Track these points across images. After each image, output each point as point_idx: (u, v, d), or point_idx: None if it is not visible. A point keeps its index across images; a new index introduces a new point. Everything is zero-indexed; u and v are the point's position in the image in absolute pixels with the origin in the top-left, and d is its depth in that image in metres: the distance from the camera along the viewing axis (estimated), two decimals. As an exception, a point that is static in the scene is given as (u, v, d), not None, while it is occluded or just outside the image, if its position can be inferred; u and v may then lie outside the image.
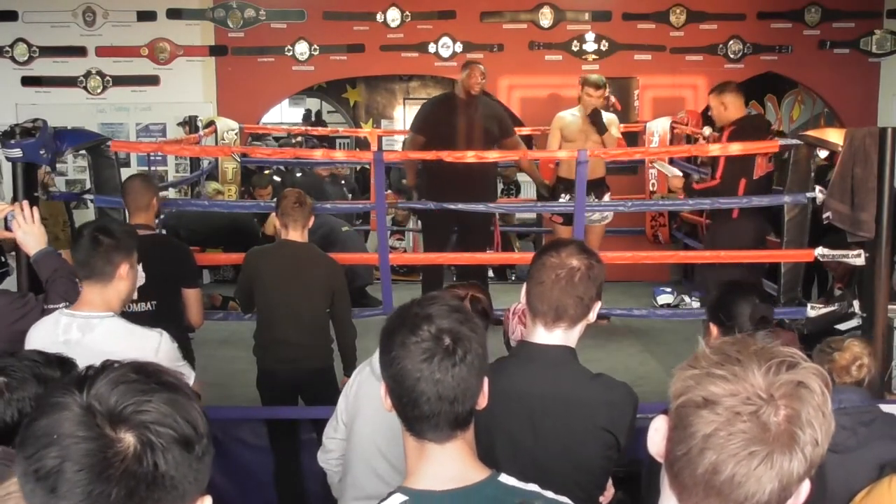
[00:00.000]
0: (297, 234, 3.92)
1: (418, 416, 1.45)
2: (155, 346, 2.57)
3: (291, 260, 3.90)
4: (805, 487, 1.05)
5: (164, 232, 5.44)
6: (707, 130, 6.23)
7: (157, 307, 3.62)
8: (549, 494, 1.49)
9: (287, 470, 4.04)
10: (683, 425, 1.05)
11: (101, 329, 2.54)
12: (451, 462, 1.46)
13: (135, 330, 2.60)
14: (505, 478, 1.47)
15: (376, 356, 2.58)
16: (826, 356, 2.76)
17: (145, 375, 1.00)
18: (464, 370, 1.43)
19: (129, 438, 0.94)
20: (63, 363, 2.02)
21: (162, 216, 5.69)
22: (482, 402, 1.50)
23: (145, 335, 2.59)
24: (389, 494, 1.46)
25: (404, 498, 1.44)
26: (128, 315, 2.71)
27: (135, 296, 3.59)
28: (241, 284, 4.09)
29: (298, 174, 8.28)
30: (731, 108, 5.22)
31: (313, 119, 12.91)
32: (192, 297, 3.80)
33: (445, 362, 1.42)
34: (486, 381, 1.50)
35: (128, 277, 2.65)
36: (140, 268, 3.42)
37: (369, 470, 2.53)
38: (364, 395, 2.58)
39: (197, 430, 0.99)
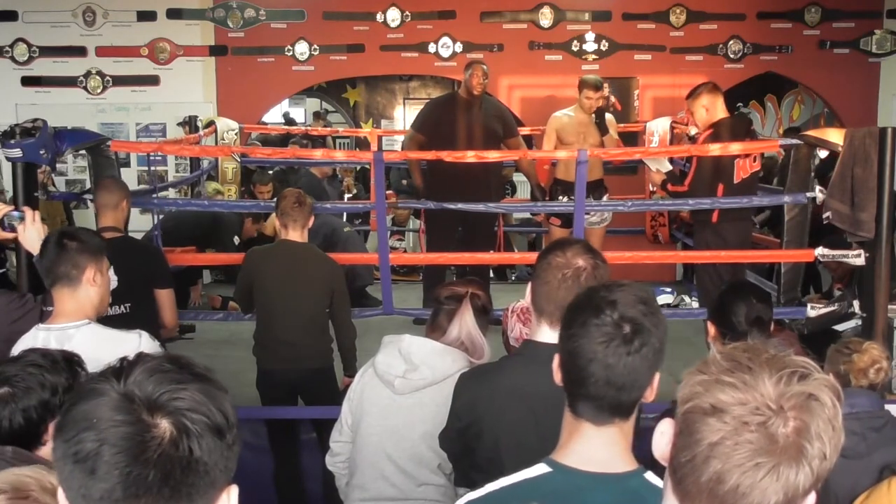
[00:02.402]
0: (296, 234, 3.92)
1: (583, 394, 1.47)
2: (136, 348, 2.52)
3: (291, 260, 3.90)
4: (811, 500, 1.04)
5: (160, 234, 5.42)
6: (693, 130, 6.19)
7: (131, 309, 3.58)
8: None
9: (287, 470, 4.04)
10: (689, 432, 1.04)
11: (78, 338, 2.50)
12: (602, 446, 1.47)
13: (113, 334, 2.57)
14: (651, 476, 1.47)
15: (379, 358, 2.59)
16: (844, 357, 2.75)
17: (179, 366, 1.04)
18: (637, 360, 1.45)
19: (165, 424, 0.98)
20: (69, 361, 2.02)
21: (161, 217, 5.71)
22: (650, 395, 1.51)
23: (125, 338, 2.55)
24: (535, 463, 1.47)
25: (548, 469, 1.45)
26: (102, 319, 2.69)
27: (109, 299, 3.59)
28: (240, 284, 4.08)
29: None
30: (713, 108, 5.02)
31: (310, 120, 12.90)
32: (164, 297, 3.75)
33: (621, 349, 1.45)
34: (657, 376, 1.51)
35: (97, 283, 2.61)
36: (112, 271, 3.41)
37: (376, 473, 2.52)
38: (369, 398, 2.57)
39: (228, 420, 1.03)
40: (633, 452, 1.94)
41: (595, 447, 1.47)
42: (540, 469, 1.46)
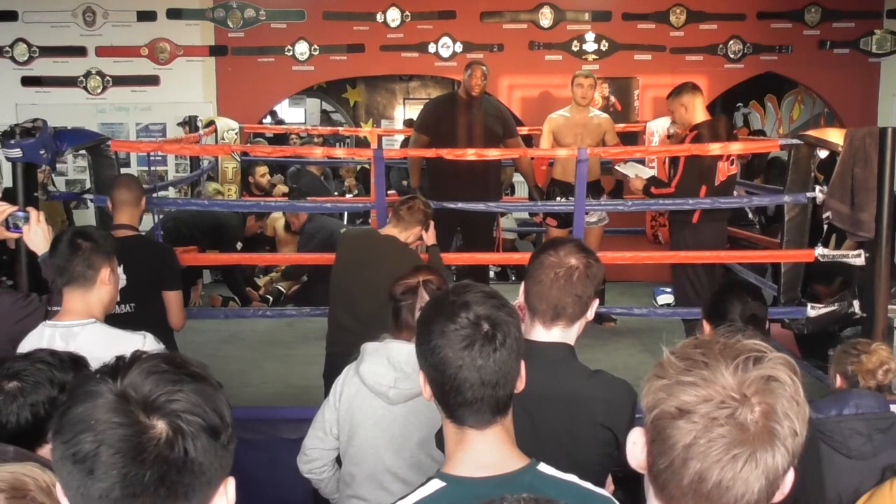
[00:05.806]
0: (388, 229, 3.94)
1: (461, 402, 1.46)
2: (139, 349, 2.53)
3: (369, 248, 3.87)
4: (789, 477, 1.06)
5: (161, 233, 5.42)
6: (672, 129, 6.20)
7: (136, 309, 3.56)
8: (587, 485, 1.50)
9: None
10: (662, 438, 1.05)
11: (83, 336, 2.51)
12: (489, 449, 1.47)
13: (118, 334, 2.57)
14: (544, 467, 1.48)
15: (366, 367, 2.55)
16: (852, 357, 2.75)
17: (175, 366, 1.05)
18: (504, 354, 1.46)
19: (161, 425, 1.00)
20: (76, 362, 2.03)
21: (161, 216, 5.70)
22: (520, 385, 1.52)
23: (129, 339, 2.55)
24: (428, 480, 1.47)
25: (442, 484, 1.45)
26: (108, 317, 2.69)
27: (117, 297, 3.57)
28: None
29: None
30: (692, 108, 5.08)
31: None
32: (172, 299, 3.70)
33: (486, 348, 1.45)
34: (523, 363, 1.52)
35: (110, 282, 2.63)
36: (121, 269, 3.40)
37: (375, 484, 2.51)
38: (360, 409, 2.53)
39: (223, 420, 1.04)
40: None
41: (483, 452, 1.47)
42: (434, 485, 1.45)
